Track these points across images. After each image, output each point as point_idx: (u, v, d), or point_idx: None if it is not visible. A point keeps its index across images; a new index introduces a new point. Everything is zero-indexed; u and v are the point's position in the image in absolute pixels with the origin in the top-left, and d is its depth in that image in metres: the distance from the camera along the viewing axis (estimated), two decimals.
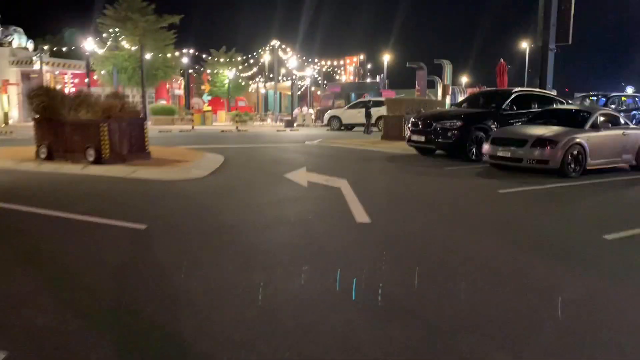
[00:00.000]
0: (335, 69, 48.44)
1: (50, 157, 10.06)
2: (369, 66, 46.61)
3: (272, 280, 3.77)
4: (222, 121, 37.42)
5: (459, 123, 11.86)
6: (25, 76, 35.28)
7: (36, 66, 32.78)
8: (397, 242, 4.96)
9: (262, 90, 56.59)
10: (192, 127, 27.72)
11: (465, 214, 6.40)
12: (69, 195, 7.23)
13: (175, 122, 32.06)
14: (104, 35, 33.48)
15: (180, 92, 48.19)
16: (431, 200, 7.34)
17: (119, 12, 33.52)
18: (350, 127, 28.71)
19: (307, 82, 49.71)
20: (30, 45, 37.11)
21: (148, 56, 33.30)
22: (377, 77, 44.82)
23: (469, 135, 11.69)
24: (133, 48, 32.89)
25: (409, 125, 13.16)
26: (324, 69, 48.11)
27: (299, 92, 54.55)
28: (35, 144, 10.32)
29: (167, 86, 46.63)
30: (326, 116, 29.94)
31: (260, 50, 43.73)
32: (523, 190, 8.09)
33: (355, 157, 13.06)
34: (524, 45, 46.21)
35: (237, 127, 28.15)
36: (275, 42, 41.71)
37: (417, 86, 30.00)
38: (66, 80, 37.21)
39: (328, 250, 4.59)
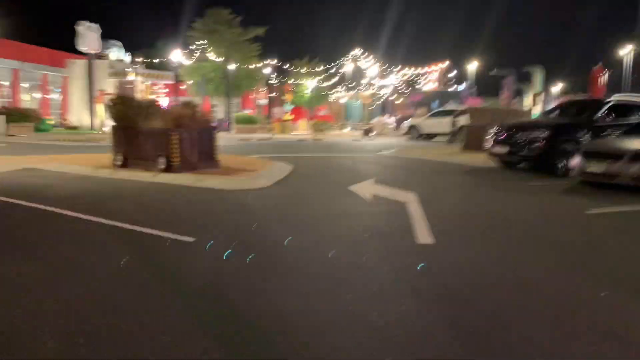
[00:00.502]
0: (418, 77, 47.47)
1: (125, 165, 10.37)
2: (453, 73, 45.17)
3: (303, 309, 3.39)
4: (302, 130, 37.76)
5: (545, 134, 10.87)
6: (122, 87, 37.68)
7: (130, 77, 34.85)
8: (460, 270, 4.38)
9: (344, 99, 56.67)
10: (271, 136, 28.11)
11: (543, 238, 5.65)
12: (130, 203, 7.30)
13: (256, 130, 32.72)
14: (193, 47, 35.03)
15: (264, 101, 49.43)
16: (506, 220, 6.62)
17: (207, 24, 34.97)
18: (430, 136, 27.81)
19: (389, 90, 49.07)
20: (127, 57, 39.65)
21: (233, 67, 34.39)
22: (462, 84, 43.29)
23: (556, 147, 10.67)
24: (219, 59, 34.10)
25: (491, 135, 12.29)
26: (406, 77, 47.29)
27: (381, 101, 54.07)
28: (112, 152, 10.69)
29: (253, 96, 48.05)
30: (405, 125, 29.25)
31: (341, 60, 43.80)
32: (615, 211, 7.11)
33: (429, 170, 12.40)
34: (628, 48, 42.56)
35: (314, 136, 28.18)
36: (356, 51, 41.64)
37: (503, 94, 28.53)
38: (158, 90, 39.36)
39: (376, 277, 4.13)
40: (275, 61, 38.65)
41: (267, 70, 38.19)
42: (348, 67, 43.87)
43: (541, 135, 10.89)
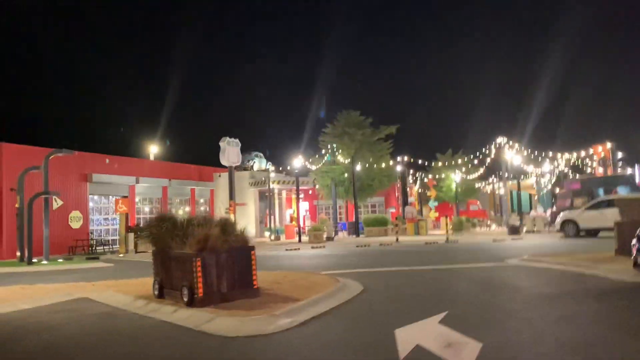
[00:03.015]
0: (578, 162, 41.55)
1: (161, 294, 9.16)
2: (620, 154, 38.45)
3: None
4: (444, 228, 34.52)
5: None
6: (262, 195, 39.00)
7: (268, 186, 35.85)
8: None
9: (499, 191, 52.07)
10: (396, 240, 25.67)
11: None
12: None
13: (387, 232, 30.56)
14: (324, 151, 35.12)
15: (410, 199, 47.28)
16: None
17: (337, 128, 35.07)
18: (592, 232, 22.88)
19: (547, 179, 43.72)
20: (268, 166, 41.35)
21: (363, 168, 33.50)
22: (635, 167, 36.45)
23: None
24: (348, 161, 33.55)
25: (635, 240, 8.75)
26: (563, 163, 41.77)
27: (543, 191, 48.39)
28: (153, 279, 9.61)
29: (397, 194, 46.36)
30: (558, 220, 24.68)
31: (487, 149, 40.24)
32: None
33: (545, 290, 9.06)
34: None
35: (449, 237, 25.11)
36: (504, 139, 37.97)
37: None
38: (294, 195, 39.93)
39: None
40: (407, 157, 36.84)
41: (400, 167, 36.50)
42: (497, 156, 40.04)
43: None
